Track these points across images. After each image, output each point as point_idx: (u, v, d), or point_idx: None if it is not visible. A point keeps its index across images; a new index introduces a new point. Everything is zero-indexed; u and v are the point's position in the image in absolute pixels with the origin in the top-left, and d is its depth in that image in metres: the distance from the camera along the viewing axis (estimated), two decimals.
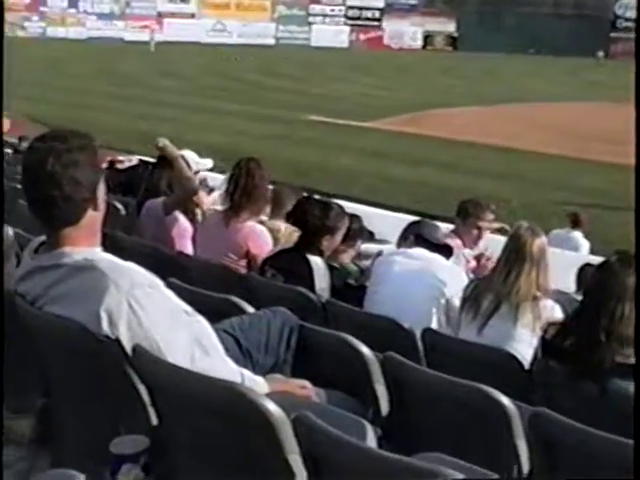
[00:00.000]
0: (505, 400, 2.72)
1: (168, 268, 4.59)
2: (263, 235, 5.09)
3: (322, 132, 27.49)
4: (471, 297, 4.11)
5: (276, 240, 5.19)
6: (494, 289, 4.05)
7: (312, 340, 3.20)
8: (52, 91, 34.51)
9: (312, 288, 4.56)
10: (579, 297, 6.39)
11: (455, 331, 4.28)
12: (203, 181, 11.20)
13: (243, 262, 5.05)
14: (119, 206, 7.69)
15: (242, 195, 5.11)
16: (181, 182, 5.60)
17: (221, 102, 33.43)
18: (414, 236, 4.87)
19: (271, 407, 2.09)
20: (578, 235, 11.72)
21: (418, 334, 4.05)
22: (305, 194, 5.94)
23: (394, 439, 3.03)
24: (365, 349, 3.09)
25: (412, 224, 5.06)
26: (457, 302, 4.29)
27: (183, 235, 5.48)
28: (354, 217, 5.57)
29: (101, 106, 31.21)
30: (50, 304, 2.51)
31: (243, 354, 3.11)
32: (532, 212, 18.05)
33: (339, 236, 4.90)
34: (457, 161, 23.22)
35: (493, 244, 9.21)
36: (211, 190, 11.12)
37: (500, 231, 13.20)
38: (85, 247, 2.53)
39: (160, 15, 73.16)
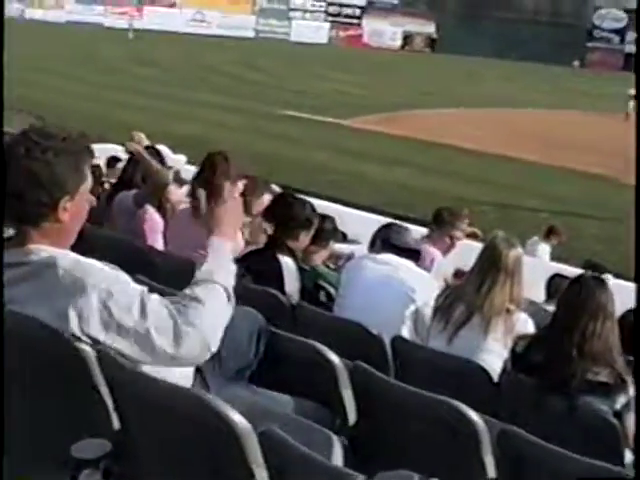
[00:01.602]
0: (474, 416, 2.69)
1: (138, 263, 4.53)
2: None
3: (298, 128, 27.44)
4: (443, 306, 4.07)
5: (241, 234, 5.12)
6: (466, 299, 4.00)
7: (281, 346, 3.15)
8: (29, 73, 34.17)
9: (282, 289, 4.51)
10: (548, 307, 6.43)
11: (424, 339, 4.24)
12: (177, 174, 11.19)
13: None
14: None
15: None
16: (151, 175, 5.55)
17: (198, 93, 33.27)
18: (381, 241, 4.83)
19: (237, 418, 2.04)
20: (542, 245, 11.85)
21: (387, 340, 4.01)
22: (276, 188, 5.89)
23: (360, 451, 2.99)
24: (334, 357, 3.05)
25: (381, 228, 5.01)
26: (427, 310, 4.25)
27: (154, 229, 5.42)
28: (327, 218, 5.53)
29: (77, 92, 30.98)
30: (10, 303, 2.44)
31: (211, 357, 3.04)
32: (505, 218, 18.18)
33: (309, 235, 4.86)
34: (431, 163, 23.27)
35: (466, 250, 9.25)
36: (184, 183, 11.09)
37: (472, 236, 13.31)
38: (49, 247, 2.45)
39: (140, 2, 72.68)
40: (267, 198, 5.97)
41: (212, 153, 5.42)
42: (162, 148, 9.00)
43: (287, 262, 4.63)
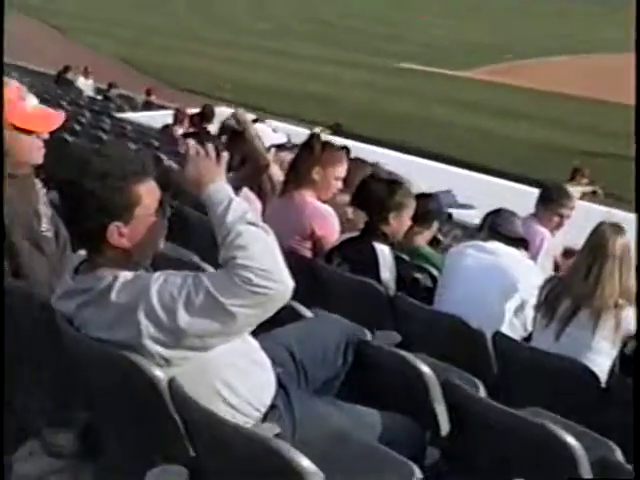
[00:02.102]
0: (571, 440, 2.50)
1: None
2: (328, 215, 4.86)
3: (415, 81, 27.03)
4: (547, 300, 3.85)
5: (341, 219, 4.96)
6: (572, 292, 3.75)
7: (370, 358, 3.02)
8: (145, 33, 34.70)
9: (378, 278, 4.37)
10: None
11: (528, 335, 4.04)
12: (288, 140, 11.12)
13: (308, 244, 4.84)
14: None
15: (304, 173, 4.88)
16: (253, 156, 5.39)
17: (314, 49, 33.13)
18: (489, 227, 4.60)
19: (305, 464, 1.94)
20: None
21: (489, 335, 3.83)
22: (370, 172, 5.67)
23: (453, 463, 2.86)
24: (426, 368, 2.89)
25: (489, 214, 4.77)
26: (532, 301, 4.03)
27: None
28: (431, 197, 5.33)
29: (192, 50, 31.25)
30: (83, 327, 2.40)
31: (297, 369, 2.94)
32: (621, 171, 17.50)
33: (407, 216, 4.66)
34: (553, 115, 22.59)
35: (586, 215, 8.91)
36: (294, 147, 11.01)
37: (594, 194, 12.85)
38: (114, 270, 2.38)
39: None
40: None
41: (315, 134, 5.23)
42: (261, 127, 8.92)
43: (382, 250, 4.45)
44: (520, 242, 4.48)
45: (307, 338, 3.07)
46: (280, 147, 10.40)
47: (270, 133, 8.40)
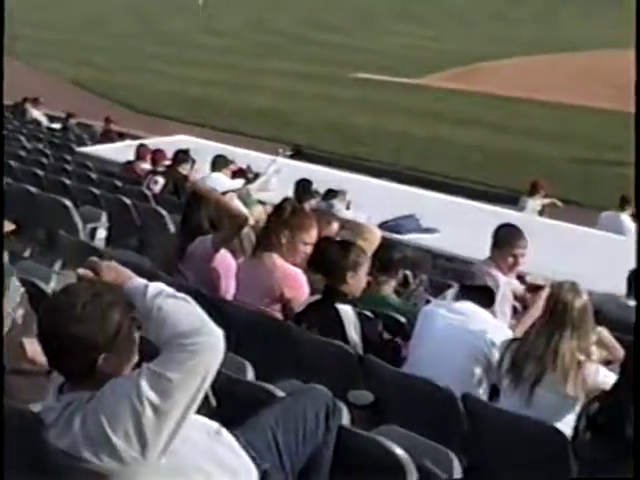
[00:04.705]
0: None
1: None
2: (297, 278, 4.99)
3: (369, 91, 27.14)
4: (514, 363, 4.00)
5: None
6: (536, 355, 3.92)
7: (349, 442, 3.13)
8: (96, 53, 34.46)
9: (345, 339, 4.50)
10: (630, 302, 6.21)
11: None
12: (248, 169, 11.20)
13: (278, 306, 4.96)
14: (170, 225, 7.69)
15: (274, 236, 5.00)
16: (230, 216, 5.30)
17: (267, 60, 33.12)
18: (459, 286, 4.74)
19: None
20: (625, 218, 11.45)
21: (458, 395, 3.97)
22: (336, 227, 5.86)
23: None
24: (400, 451, 3.02)
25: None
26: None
27: (228, 274, 5.30)
28: (392, 247, 5.52)
29: (145, 68, 31.08)
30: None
31: (281, 459, 3.03)
32: (585, 175, 17.74)
33: (363, 273, 4.81)
34: (507, 120, 22.78)
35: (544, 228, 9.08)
36: (256, 176, 11.09)
37: (553, 206, 13.05)
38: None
39: None
40: (335, 226, 5.94)
41: (288, 201, 5.36)
42: (217, 176, 9.04)
43: (346, 310, 4.57)
44: (485, 291, 4.58)
45: (285, 419, 3.16)
46: (241, 173, 10.55)
47: (225, 180, 8.53)
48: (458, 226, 9.53)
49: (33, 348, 3.35)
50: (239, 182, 9.08)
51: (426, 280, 6.10)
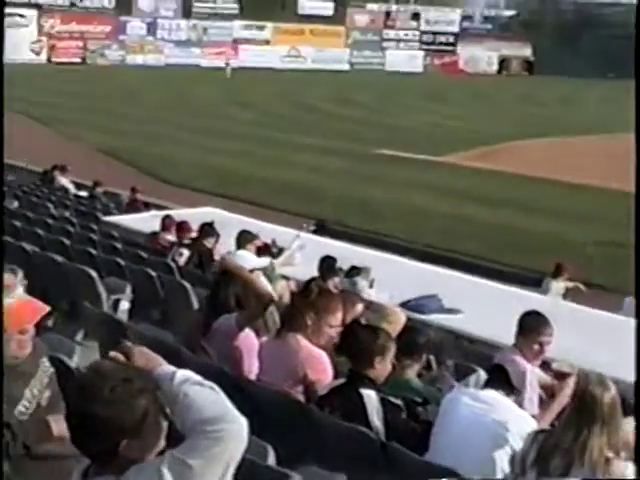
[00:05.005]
0: None
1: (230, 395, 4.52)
2: (321, 360, 4.94)
3: (393, 167, 27.31)
4: (540, 455, 3.91)
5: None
6: (564, 448, 3.83)
7: None
8: (125, 122, 35.00)
9: (368, 424, 4.43)
10: None
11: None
12: (273, 243, 11.23)
13: (300, 388, 4.91)
14: (193, 299, 7.68)
15: (299, 317, 4.98)
16: (256, 295, 5.24)
17: (294, 135, 33.49)
18: (489, 370, 4.70)
19: None
20: None
21: None
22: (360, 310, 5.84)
23: None
24: None
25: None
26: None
27: (251, 353, 5.25)
28: (420, 330, 5.46)
29: (173, 138, 31.50)
30: None
31: None
32: (610, 258, 17.60)
33: (389, 358, 4.78)
34: (533, 200, 22.79)
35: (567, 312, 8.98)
36: (280, 250, 11.12)
37: (576, 289, 12.95)
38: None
39: (235, 42, 74.18)
40: (359, 307, 5.91)
41: (314, 281, 5.37)
42: (243, 253, 9.07)
43: (369, 395, 4.52)
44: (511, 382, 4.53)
45: None
46: (266, 249, 10.58)
47: (252, 258, 8.54)
48: (480, 307, 9.46)
49: (59, 427, 3.33)
50: (265, 260, 9.08)
51: (452, 365, 6.03)
